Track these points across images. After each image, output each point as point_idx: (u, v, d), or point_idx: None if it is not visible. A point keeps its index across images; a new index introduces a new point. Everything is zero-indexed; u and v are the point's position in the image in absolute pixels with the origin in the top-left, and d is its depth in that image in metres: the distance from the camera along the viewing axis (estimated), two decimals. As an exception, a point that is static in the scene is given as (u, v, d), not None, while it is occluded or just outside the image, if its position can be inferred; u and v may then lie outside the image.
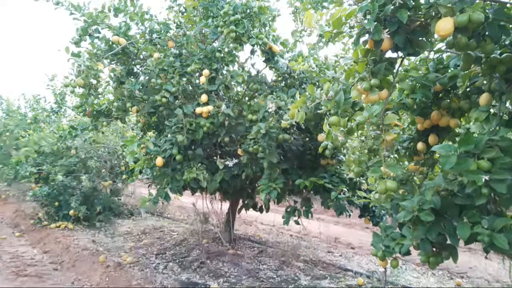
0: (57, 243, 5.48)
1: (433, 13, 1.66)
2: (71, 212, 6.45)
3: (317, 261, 5.03)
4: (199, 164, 3.90)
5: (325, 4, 3.60)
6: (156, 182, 4.30)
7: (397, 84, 2.22)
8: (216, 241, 5.65)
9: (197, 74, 3.89)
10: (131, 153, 3.63)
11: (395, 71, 2.01)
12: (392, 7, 1.67)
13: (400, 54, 1.89)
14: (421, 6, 1.75)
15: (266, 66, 4.11)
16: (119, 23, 4.16)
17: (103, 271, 4.25)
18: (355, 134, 2.20)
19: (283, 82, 4.32)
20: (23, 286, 3.96)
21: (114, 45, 4.05)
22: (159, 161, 3.76)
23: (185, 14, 4.54)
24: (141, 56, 4.37)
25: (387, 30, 1.74)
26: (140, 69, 4.51)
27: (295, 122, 2.59)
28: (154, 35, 4.12)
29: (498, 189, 1.53)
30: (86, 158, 7.07)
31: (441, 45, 2.34)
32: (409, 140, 2.60)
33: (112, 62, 4.27)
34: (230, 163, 4.29)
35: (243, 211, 5.12)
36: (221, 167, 3.99)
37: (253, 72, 4.40)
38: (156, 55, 3.84)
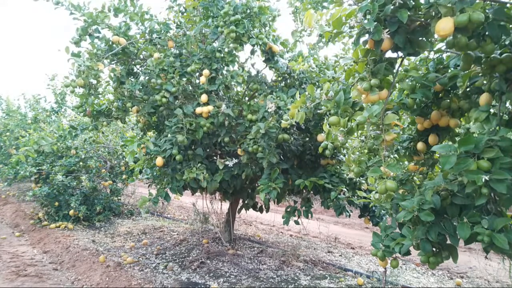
0: (57, 243, 5.48)
1: (433, 13, 1.66)
2: (71, 212, 6.45)
3: (317, 261, 5.03)
4: (199, 164, 3.90)
5: (325, 4, 3.59)
6: (156, 182, 4.30)
7: (397, 84, 2.23)
8: (216, 241, 5.65)
9: (197, 74, 3.89)
10: (131, 153, 3.63)
11: (395, 71, 2.02)
12: (392, 7, 1.68)
13: (400, 54, 1.89)
14: (421, 6, 1.75)
15: (266, 66, 4.11)
16: (119, 23, 4.16)
17: (103, 271, 4.25)
18: (355, 134, 2.20)
19: (283, 82, 4.32)
20: (23, 286, 3.96)
21: (114, 45, 4.05)
22: (159, 161, 3.76)
23: (185, 14, 4.54)
24: (141, 56, 4.37)
25: (387, 30, 1.74)
26: (140, 69, 4.51)
27: (295, 122, 2.59)
28: (154, 35, 4.12)
29: (498, 189, 1.53)
30: (86, 158, 7.07)
31: (441, 45, 2.34)
32: (409, 140, 2.60)
33: (112, 62, 4.27)
34: (230, 163, 4.29)
35: (243, 211, 5.12)
36: (221, 167, 4.00)
37: (253, 72, 4.41)
38: (156, 55, 3.84)
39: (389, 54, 1.94)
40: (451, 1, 1.55)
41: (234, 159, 4.40)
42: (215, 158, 4.50)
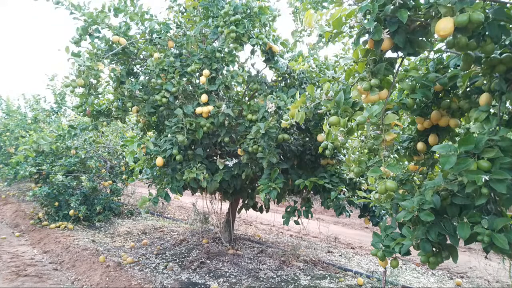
0: (57, 243, 5.48)
1: (433, 13, 1.66)
2: (71, 212, 6.45)
3: (317, 261, 5.03)
4: (199, 164, 3.90)
5: (325, 4, 3.59)
6: (156, 182, 4.30)
7: (397, 84, 2.23)
8: (216, 241, 5.65)
9: (197, 74, 3.90)
10: (131, 153, 3.63)
11: (395, 71, 2.02)
12: (392, 7, 1.68)
13: (400, 54, 1.89)
14: (421, 6, 1.75)
15: (266, 66, 4.11)
16: (119, 23, 4.16)
17: (103, 271, 4.25)
18: (355, 134, 2.20)
19: (283, 82, 4.32)
20: (23, 286, 3.96)
21: (114, 45, 4.05)
22: (159, 161, 3.76)
23: (185, 14, 4.55)
24: (141, 56, 4.37)
25: (387, 30, 1.74)
26: (140, 69, 4.51)
27: (295, 122, 2.59)
28: (154, 35, 4.12)
29: (498, 189, 1.53)
30: (86, 158, 7.07)
31: (441, 45, 2.34)
32: (409, 140, 2.61)
33: (112, 62, 4.27)
34: (230, 163, 4.29)
35: (243, 211, 5.12)
36: (221, 167, 4.00)
37: (253, 72, 4.41)
38: (156, 55, 3.84)
39: (389, 54, 1.94)
40: (451, 1, 1.55)
41: (234, 159, 4.40)
42: (215, 158, 4.50)
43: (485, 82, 1.95)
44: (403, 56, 1.94)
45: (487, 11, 1.64)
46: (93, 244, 5.42)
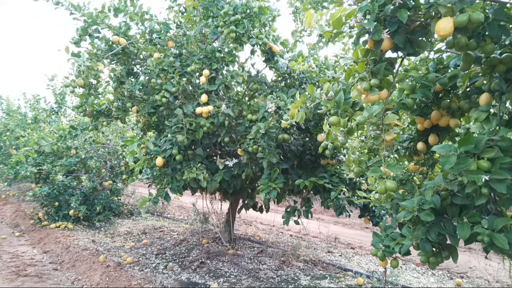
0: (57, 243, 5.48)
1: (433, 13, 1.66)
2: (71, 212, 6.45)
3: (317, 261, 5.03)
4: (199, 164, 3.90)
5: (325, 4, 3.59)
6: (156, 182, 4.30)
7: (397, 84, 2.23)
8: (216, 241, 5.65)
9: (197, 74, 3.90)
10: (131, 153, 3.63)
11: (395, 71, 2.02)
12: (392, 7, 1.68)
13: (400, 54, 1.89)
14: (421, 6, 1.75)
15: (266, 66, 4.11)
16: (119, 23, 4.16)
17: (103, 271, 4.25)
18: (355, 134, 2.20)
19: (283, 82, 4.32)
20: (23, 286, 3.96)
21: (114, 45, 4.05)
22: (159, 161, 3.76)
23: (185, 14, 4.55)
24: (141, 56, 4.37)
25: (387, 30, 1.74)
26: (140, 69, 4.51)
27: (295, 122, 2.59)
28: (154, 35, 4.12)
29: (498, 189, 1.53)
30: (86, 158, 7.07)
31: (441, 45, 2.34)
32: (409, 140, 2.61)
33: (112, 62, 4.27)
34: (230, 163, 4.29)
35: (243, 211, 5.12)
36: (221, 167, 4.00)
37: (253, 72, 4.41)
38: (156, 55, 3.84)
39: (389, 54, 1.94)
40: (451, 1, 1.55)
41: (234, 159, 4.40)
42: (215, 158, 4.50)
43: (485, 82, 1.95)
44: (403, 56, 1.94)
45: (487, 11, 1.64)
46: (93, 244, 5.42)
